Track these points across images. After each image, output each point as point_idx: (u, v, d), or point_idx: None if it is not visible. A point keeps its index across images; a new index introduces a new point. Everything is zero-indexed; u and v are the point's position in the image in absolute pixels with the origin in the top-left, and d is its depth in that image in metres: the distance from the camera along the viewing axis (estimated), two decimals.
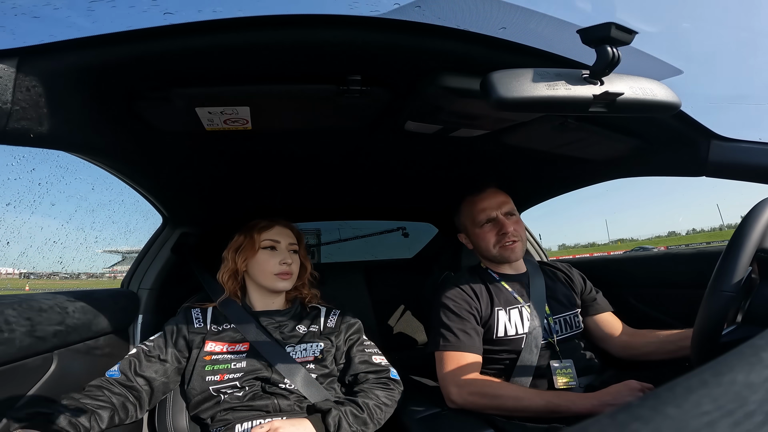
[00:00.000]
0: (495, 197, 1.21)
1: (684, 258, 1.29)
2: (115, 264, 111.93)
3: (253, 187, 1.30)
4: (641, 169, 1.19)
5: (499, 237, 1.18)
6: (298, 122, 0.86)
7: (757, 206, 0.71)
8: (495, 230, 1.18)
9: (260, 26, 0.58)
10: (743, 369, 0.18)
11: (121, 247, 75.82)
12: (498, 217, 1.19)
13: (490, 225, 1.19)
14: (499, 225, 1.18)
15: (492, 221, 1.19)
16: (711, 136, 0.95)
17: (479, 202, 1.22)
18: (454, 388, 1.04)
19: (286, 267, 1.09)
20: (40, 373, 0.87)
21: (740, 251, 0.67)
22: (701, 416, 0.16)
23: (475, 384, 1.03)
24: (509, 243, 1.17)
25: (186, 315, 1.09)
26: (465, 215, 1.26)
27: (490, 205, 1.20)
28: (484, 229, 1.19)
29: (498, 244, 1.18)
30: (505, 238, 1.17)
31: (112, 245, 25.39)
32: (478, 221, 1.20)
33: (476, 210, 1.21)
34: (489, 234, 1.19)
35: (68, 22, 0.54)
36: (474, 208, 1.22)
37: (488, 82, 0.56)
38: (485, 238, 1.19)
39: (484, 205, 1.20)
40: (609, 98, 0.58)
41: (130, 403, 0.93)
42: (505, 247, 1.17)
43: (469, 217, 1.23)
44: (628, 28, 0.53)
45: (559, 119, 0.90)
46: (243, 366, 0.98)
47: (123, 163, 0.98)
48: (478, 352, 1.10)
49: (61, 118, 0.67)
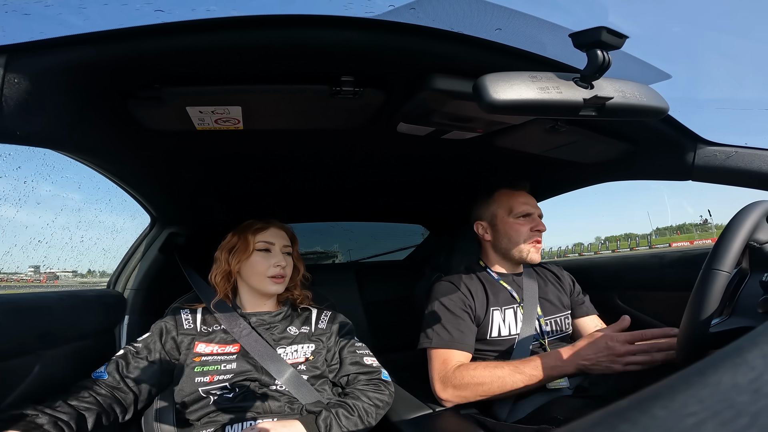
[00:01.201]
0: (533, 199, 1.27)
1: (670, 260, 1.31)
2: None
3: (243, 188, 1.29)
4: (629, 173, 1.21)
5: (532, 233, 1.21)
6: (290, 123, 0.85)
7: (751, 204, 0.74)
8: (530, 225, 1.21)
9: (255, 26, 0.58)
10: (728, 370, 0.18)
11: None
12: (535, 215, 1.23)
13: (526, 219, 1.22)
14: (535, 222, 1.22)
15: (529, 216, 1.22)
16: (698, 141, 0.97)
17: (519, 196, 1.25)
18: (440, 384, 1.05)
19: (280, 270, 1.08)
20: (24, 374, 0.85)
21: (736, 233, 0.69)
22: (688, 417, 0.16)
23: (456, 377, 1.03)
24: (537, 243, 1.21)
25: (175, 316, 1.07)
26: (500, 204, 1.26)
27: (530, 202, 1.24)
28: (520, 221, 1.22)
29: (529, 240, 1.21)
30: (537, 236, 1.21)
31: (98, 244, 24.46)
32: (516, 212, 1.22)
33: (516, 202, 1.24)
34: (524, 227, 1.21)
35: (59, 20, 0.53)
36: (514, 199, 1.24)
37: (480, 84, 0.56)
38: (519, 230, 1.21)
39: (525, 200, 1.24)
40: (599, 102, 0.59)
41: (117, 404, 0.91)
42: (533, 243, 1.21)
43: (505, 207, 1.24)
44: (618, 32, 0.53)
45: (549, 122, 0.91)
46: (233, 367, 0.97)
47: (111, 162, 0.97)
48: (469, 350, 1.10)
49: (49, 116, 0.66)
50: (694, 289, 0.70)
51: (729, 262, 0.68)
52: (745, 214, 0.72)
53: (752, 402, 0.16)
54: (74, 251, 3.44)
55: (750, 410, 0.15)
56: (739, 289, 0.76)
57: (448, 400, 1.04)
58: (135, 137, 0.85)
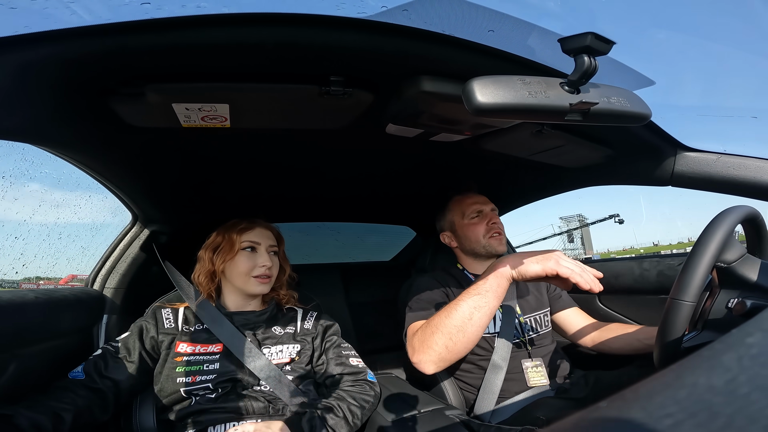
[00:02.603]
0: (482, 196, 1.32)
1: (651, 264, 1.34)
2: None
3: (229, 186, 1.28)
4: (612, 178, 1.24)
5: (488, 227, 1.26)
6: (278, 121, 0.84)
7: (715, 219, 0.74)
8: (484, 222, 1.27)
9: (245, 23, 0.57)
10: (704, 372, 0.19)
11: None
12: (487, 211, 1.28)
13: (479, 218, 1.28)
14: (488, 217, 1.27)
15: (481, 214, 1.28)
16: (678, 147, 1.00)
17: (469, 198, 1.31)
18: (410, 350, 1.00)
19: (266, 270, 1.06)
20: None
21: (699, 262, 0.70)
22: (666, 418, 0.16)
23: (416, 337, 0.99)
24: (497, 234, 1.25)
25: (155, 315, 1.05)
26: (454, 211, 1.32)
27: (479, 201, 1.30)
28: (474, 221, 1.27)
29: (487, 235, 1.26)
30: (494, 229, 1.26)
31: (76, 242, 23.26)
32: (468, 214, 1.28)
33: (466, 204, 1.30)
34: (479, 226, 1.27)
35: (45, 14, 0.52)
36: (464, 203, 1.31)
37: (469, 87, 0.57)
38: (475, 230, 1.27)
39: (475, 200, 1.30)
40: (584, 107, 0.60)
41: (95, 405, 0.89)
42: (493, 237, 1.25)
43: (458, 213, 1.31)
44: (606, 38, 0.55)
45: (536, 126, 0.92)
46: (216, 368, 0.96)
47: (92, 158, 0.94)
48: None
49: (30, 110, 0.64)
50: (662, 319, 0.72)
51: (692, 293, 0.69)
52: (710, 235, 0.71)
53: (728, 403, 0.16)
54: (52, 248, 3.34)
55: (726, 411, 0.16)
56: (710, 305, 0.78)
57: (422, 362, 0.95)
58: (118, 133, 0.83)
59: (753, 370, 0.18)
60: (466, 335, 0.91)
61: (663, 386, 0.19)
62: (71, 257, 2.20)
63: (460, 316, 0.91)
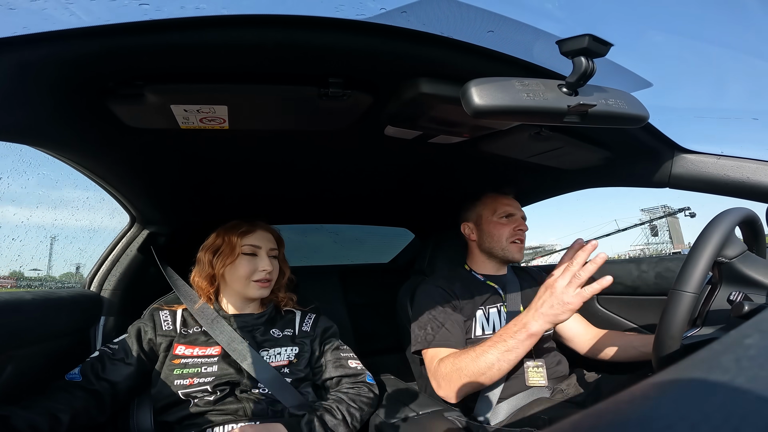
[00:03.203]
0: (516, 202, 1.34)
1: (650, 266, 1.34)
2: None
3: (227, 188, 1.27)
4: (610, 180, 1.24)
5: (514, 232, 1.27)
6: (276, 123, 0.84)
7: (718, 216, 0.75)
8: (512, 226, 1.27)
9: (244, 25, 0.57)
10: (703, 374, 0.19)
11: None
12: (517, 216, 1.29)
13: (508, 220, 1.28)
14: (517, 222, 1.28)
15: (512, 217, 1.29)
16: (675, 149, 1.00)
17: (504, 199, 1.32)
18: (434, 383, 1.06)
19: (266, 274, 1.06)
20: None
21: (702, 254, 0.71)
22: (660, 419, 0.16)
23: (440, 371, 1.03)
24: (519, 241, 1.27)
25: (153, 317, 1.05)
26: (485, 206, 1.32)
27: (513, 205, 1.31)
28: (503, 221, 1.28)
29: (511, 238, 1.26)
30: (519, 235, 1.27)
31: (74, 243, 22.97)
32: (500, 212, 1.29)
33: (500, 204, 1.30)
34: (506, 227, 1.27)
35: (44, 15, 0.52)
36: (498, 201, 1.31)
37: (468, 89, 0.57)
38: (501, 230, 1.27)
39: (509, 203, 1.31)
40: (582, 109, 0.60)
41: (92, 407, 0.89)
42: (515, 243, 1.26)
43: (490, 208, 1.31)
44: (603, 40, 0.55)
45: (534, 128, 0.93)
46: (214, 370, 0.95)
47: (90, 159, 0.94)
48: (458, 346, 1.11)
49: (29, 111, 0.64)
50: (664, 310, 0.72)
51: (695, 284, 0.70)
52: (711, 231, 0.73)
53: (723, 404, 0.16)
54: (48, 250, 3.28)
55: (724, 413, 0.16)
56: (710, 301, 0.78)
57: (447, 397, 1.03)
58: (116, 135, 0.82)
59: (751, 371, 0.18)
60: (490, 378, 0.97)
61: (661, 388, 0.19)
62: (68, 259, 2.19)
63: (486, 363, 0.95)
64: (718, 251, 0.72)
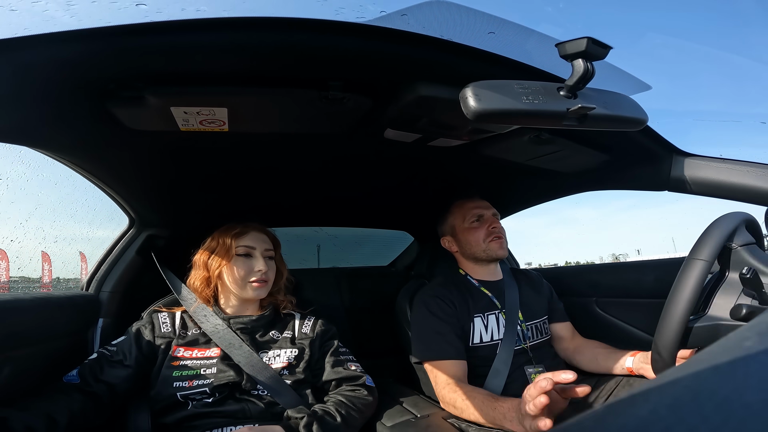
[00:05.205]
0: (483, 201, 1.32)
1: (648, 268, 1.35)
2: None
3: (227, 191, 1.27)
4: (610, 183, 1.24)
5: (488, 231, 1.26)
6: (276, 126, 0.84)
7: (735, 212, 0.80)
8: (485, 226, 1.26)
9: (245, 28, 0.57)
10: (701, 376, 0.19)
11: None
12: (487, 216, 1.28)
13: (480, 222, 1.27)
14: (489, 221, 1.27)
15: (482, 219, 1.28)
16: (674, 152, 1.00)
17: (470, 203, 1.31)
18: (439, 397, 1.09)
19: (262, 275, 1.06)
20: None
21: (718, 230, 0.75)
22: (658, 422, 0.16)
23: (445, 395, 1.06)
24: (497, 238, 1.25)
25: (152, 319, 1.05)
26: (455, 216, 1.32)
27: (480, 205, 1.30)
28: (475, 225, 1.27)
29: (488, 238, 1.25)
30: (495, 233, 1.25)
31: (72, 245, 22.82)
32: (469, 218, 1.28)
33: (467, 209, 1.30)
34: (479, 230, 1.26)
35: (45, 16, 0.52)
36: (465, 207, 1.31)
37: (467, 92, 0.57)
38: (476, 234, 1.26)
39: (476, 205, 1.30)
40: (582, 112, 0.60)
41: (90, 409, 0.88)
42: (494, 241, 1.25)
43: (459, 217, 1.31)
44: (602, 43, 0.55)
45: (533, 132, 0.93)
46: (213, 372, 0.95)
47: (90, 161, 0.94)
48: (460, 357, 1.12)
49: (29, 113, 0.64)
50: (676, 279, 0.74)
51: (710, 252, 0.72)
52: (728, 217, 0.77)
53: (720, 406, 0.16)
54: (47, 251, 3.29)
55: (722, 416, 0.16)
56: (715, 289, 0.78)
57: (448, 409, 1.06)
58: (116, 137, 0.83)
59: (750, 374, 0.18)
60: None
61: (658, 393, 0.19)
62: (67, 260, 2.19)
63: (478, 416, 0.95)
64: (731, 235, 0.75)
